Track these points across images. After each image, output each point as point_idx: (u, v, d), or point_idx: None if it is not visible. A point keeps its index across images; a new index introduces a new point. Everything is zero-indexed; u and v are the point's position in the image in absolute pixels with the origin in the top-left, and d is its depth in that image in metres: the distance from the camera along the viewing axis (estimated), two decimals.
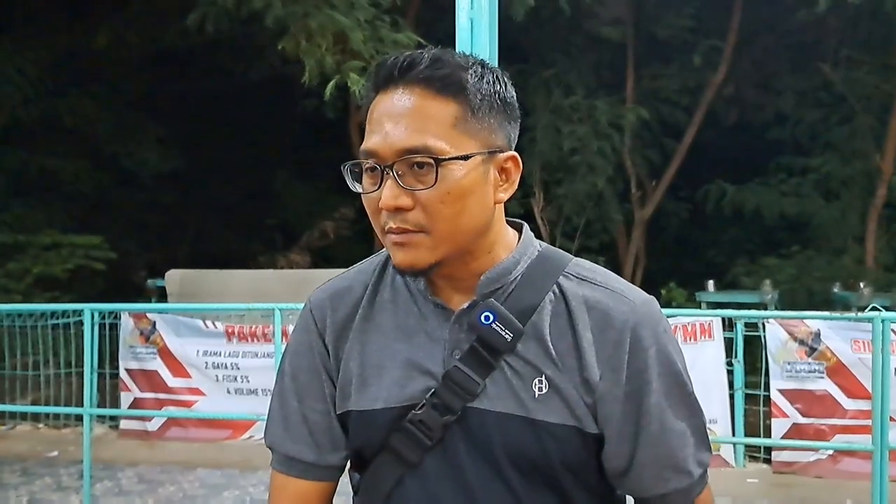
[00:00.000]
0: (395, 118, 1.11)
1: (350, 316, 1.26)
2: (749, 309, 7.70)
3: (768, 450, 6.06)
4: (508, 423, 1.15)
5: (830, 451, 5.75)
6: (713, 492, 1.27)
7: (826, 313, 5.96)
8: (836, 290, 9.00)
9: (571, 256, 1.26)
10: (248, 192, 13.27)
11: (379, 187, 1.12)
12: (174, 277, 7.97)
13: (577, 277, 1.21)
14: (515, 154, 1.19)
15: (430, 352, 1.19)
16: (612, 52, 10.74)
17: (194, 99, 12.04)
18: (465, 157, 1.11)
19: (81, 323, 5.49)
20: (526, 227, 1.27)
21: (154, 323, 6.80)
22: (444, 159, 1.10)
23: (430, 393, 1.17)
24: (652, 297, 1.22)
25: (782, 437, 5.81)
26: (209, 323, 6.76)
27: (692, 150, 10.75)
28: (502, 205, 1.20)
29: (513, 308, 1.17)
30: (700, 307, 8.56)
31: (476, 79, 1.14)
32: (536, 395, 1.15)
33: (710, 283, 9.26)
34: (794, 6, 9.51)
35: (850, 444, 5.43)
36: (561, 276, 1.21)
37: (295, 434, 1.27)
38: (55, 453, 6.64)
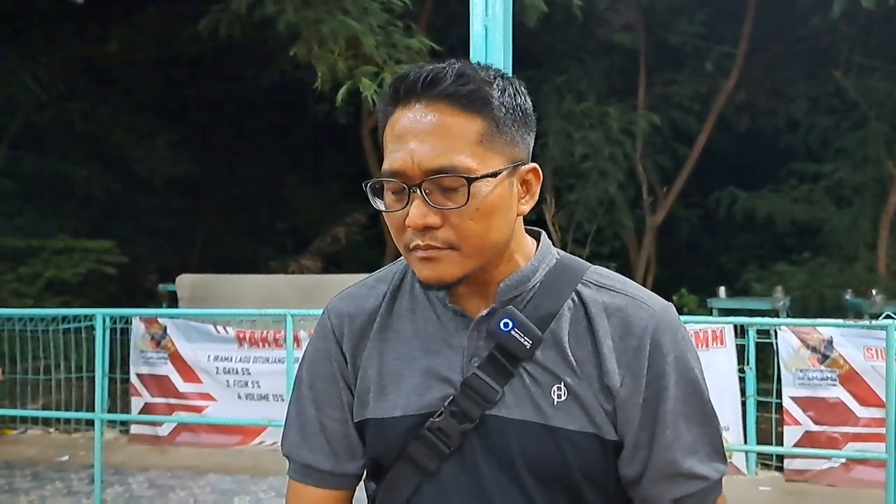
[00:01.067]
0: (420, 136, 1.09)
1: (368, 324, 1.26)
2: (760, 315, 7.65)
3: (780, 458, 6.03)
4: (527, 430, 1.15)
5: (843, 460, 5.71)
6: (727, 499, 1.26)
7: (839, 321, 5.92)
8: (847, 297, 8.95)
9: (589, 264, 1.26)
10: (259, 196, 13.33)
11: (405, 206, 1.11)
12: (185, 282, 7.98)
13: (595, 285, 1.21)
14: (536, 166, 1.19)
15: (449, 360, 1.19)
16: (624, 58, 10.73)
17: (206, 104, 12.12)
18: (494, 174, 1.11)
19: (92, 327, 5.51)
20: (544, 235, 1.26)
21: (165, 328, 6.82)
22: (476, 178, 1.09)
23: (448, 401, 1.17)
24: (670, 303, 1.22)
25: (794, 445, 5.77)
26: (220, 328, 6.78)
27: (704, 156, 10.72)
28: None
29: (532, 315, 1.17)
30: (711, 314, 8.52)
31: (499, 93, 1.13)
32: (555, 403, 1.15)
33: (722, 289, 9.23)
34: (807, 13, 9.48)
35: (863, 452, 5.40)
36: (580, 284, 1.21)
37: (312, 443, 1.27)
38: (66, 458, 6.66)
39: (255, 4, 7.14)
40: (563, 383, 1.15)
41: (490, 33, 2.84)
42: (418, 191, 1.09)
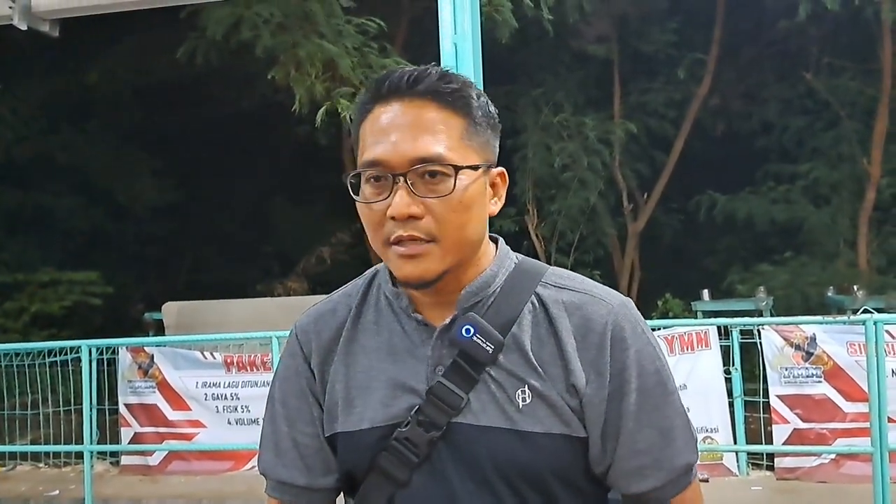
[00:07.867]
0: (404, 128, 1.13)
1: (334, 339, 1.28)
2: (744, 316, 7.72)
3: (771, 456, 6.05)
4: (494, 436, 1.17)
5: (833, 456, 5.74)
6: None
7: (819, 317, 5.99)
8: (830, 294, 9.04)
9: (548, 266, 1.28)
10: (243, 220, 13.32)
11: (387, 197, 1.13)
12: (171, 310, 7.97)
13: (554, 286, 1.23)
14: (503, 169, 1.24)
15: (414, 369, 1.21)
16: (598, 68, 10.85)
17: (187, 131, 12.11)
18: (476, 168, 1.15)
19: (79, 359, 5.49)
20: (501, 240, 1.29)
21: (152, 356, 6.78)
22: (462, 168, 1.13)
23: (414, 410, 1.18)
24: (628, 298, 1.25)
25: (784, 443, 5.79)
26: (207, 354, 6.75)
27: (681, 161, 10.82)
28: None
29: (493, 320, 1.19)
30: (696, 316, 8.58)
31: (476, 96, 1.19)
32: (521, 406, 1.17)
33: (706, 292, 9.29)
34: (775, 16, 9.63)
35: (851, 447, 5.44)
36: (539, 286, 1.23)
37: (286, 459, 1.28)
38: (56, 492, 6.60)
39: (231, 30, 7.18)
40: (526, 386, 1.17)
41: (460, 51, 2.92)
42: (402, 180, 1.12)
